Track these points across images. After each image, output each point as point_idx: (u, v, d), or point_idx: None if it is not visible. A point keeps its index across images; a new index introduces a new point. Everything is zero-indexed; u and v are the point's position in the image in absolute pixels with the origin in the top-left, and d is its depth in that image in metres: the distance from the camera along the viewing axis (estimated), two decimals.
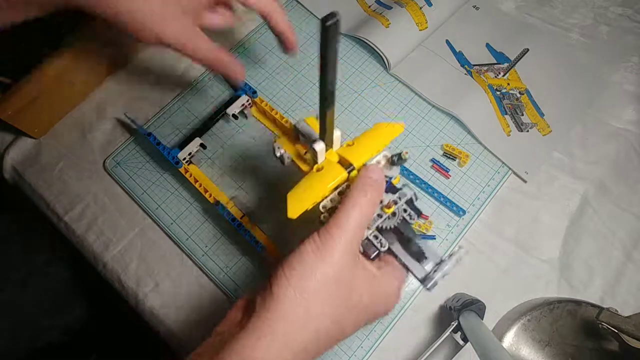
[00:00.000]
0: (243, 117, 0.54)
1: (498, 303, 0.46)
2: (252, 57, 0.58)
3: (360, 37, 0.57)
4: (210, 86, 0.57)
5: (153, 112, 0.56)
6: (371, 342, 0.45)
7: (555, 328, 0.44)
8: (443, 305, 0.47)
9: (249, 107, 0.53)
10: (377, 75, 0.57)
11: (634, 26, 0.60)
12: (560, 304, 0.44)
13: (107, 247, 0.50)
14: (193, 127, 0.54)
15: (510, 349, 0.43)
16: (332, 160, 0.36)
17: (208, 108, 0.55)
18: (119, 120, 0.55)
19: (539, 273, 0.48)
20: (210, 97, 0.56)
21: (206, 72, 0.57)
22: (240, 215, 0.48)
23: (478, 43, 0.59)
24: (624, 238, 0.49)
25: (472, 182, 0.51)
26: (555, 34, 0.60)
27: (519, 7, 0.62)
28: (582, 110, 0.55)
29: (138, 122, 0.52)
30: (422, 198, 0.51)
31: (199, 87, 0.57)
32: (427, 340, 0.46)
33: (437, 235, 0.49)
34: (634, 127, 0.54)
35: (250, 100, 0.53)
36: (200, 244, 0.49)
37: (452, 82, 0.56)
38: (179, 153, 0.50)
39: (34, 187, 0.53)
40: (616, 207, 0.51)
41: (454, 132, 0.54)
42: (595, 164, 0.52)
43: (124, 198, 0.52)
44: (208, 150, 0.53)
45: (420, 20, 0.57)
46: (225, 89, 0.56)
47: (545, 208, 0.51)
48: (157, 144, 0.50)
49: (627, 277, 0.48)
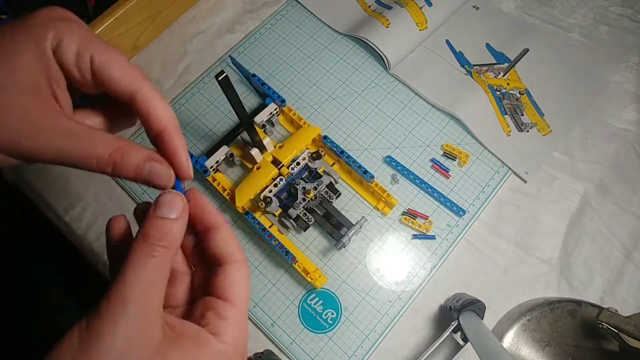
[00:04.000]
0: (270, 125, 0.53)
1: (498, 303, 0.46)
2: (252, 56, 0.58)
3: (360, 37, 0.57)
4: (210, 87, 0.57)
5: None
6: (371, 342, 0.45)
7: (555, 328, 0.44)
8: (443, 305, 0.47)
9: (276, 115, 0.53)
10: (377, 75, 0.57)
11: (634, 26, 0.60)
12: (560, 304, 0.44)
13: None
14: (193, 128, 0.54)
15: (510, 349, 0.43)
16: (267, 160, 0.49)
17: (207, 109, 0.55)
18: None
19: (539, 273, 0.48)
20: (210, 98, 0.56)
21: (205, 74, 0.57)
22: (269, 224, 0.48)
23: (478, 43, 0.59)
24: (624, 238, 0.49)
25: (472, 182, 0.51)
26: (555, 34, 0.60)
27: (519, 7, 0.62)
28: (583, 110, 0.55)
29: None
30: (422, 198, 0.51)
31: (199, 88, 0.57)
32: (427, 340, 0.46)
33: (437, 235, 0.49)
34: (634, 127, 0.54)
35: (278, 108, 0.52)
36: None
37: (452, 82, 0.56)
38: (207, 161, 0.48)
39: (34, 187, 0.53)
40: (616, 207, 0.51)
41: (454, 132, 0.54)
42: (595, 164, 0.52)
43: (124, 198, 0.52)
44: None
45: (420, 20, 0.57)
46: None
47: (545, 208, 0.51)
48: None
49: (627, 277, 0.48)
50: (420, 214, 0.49)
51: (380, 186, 0.48)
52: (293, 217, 0.46)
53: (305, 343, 0.45)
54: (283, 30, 0.60)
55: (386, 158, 0.52)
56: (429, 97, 0.55)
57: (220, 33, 0.60)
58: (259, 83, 0.53)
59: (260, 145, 0.48)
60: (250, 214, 0.47)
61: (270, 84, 0.54)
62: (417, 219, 0.49)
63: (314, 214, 0.47)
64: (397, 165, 0.52)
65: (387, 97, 0.56)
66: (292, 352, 0.44)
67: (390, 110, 0.55)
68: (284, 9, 0.61)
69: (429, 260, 0.48)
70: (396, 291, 0.47)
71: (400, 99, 0.56)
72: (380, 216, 0.50)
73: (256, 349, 0.44)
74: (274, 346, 0.45)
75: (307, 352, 0.45)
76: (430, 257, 0.48)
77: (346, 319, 0.46)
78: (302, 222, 0.47)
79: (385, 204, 0.49)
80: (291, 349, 0.45)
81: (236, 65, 0.54)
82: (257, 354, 0.43)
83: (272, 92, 0.52)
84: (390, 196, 0.48)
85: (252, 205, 0.47)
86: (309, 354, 0.44)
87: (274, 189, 0.47)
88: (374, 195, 0.50)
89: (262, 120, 0.51)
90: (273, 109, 0.52)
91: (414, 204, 0.50)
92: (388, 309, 0.46)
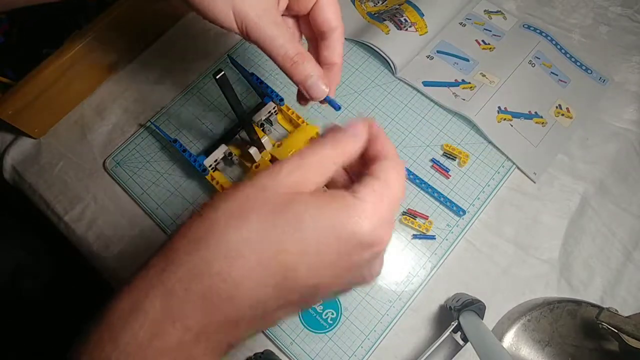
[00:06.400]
0: (269, 124, 0.53)
1: (498, 303, 0.46)
2: (252, 56, 0.58)
3: (364, 42, 0.57)
4: (209, 87, 0.57)
5: (153, 113, 0.56)
6: (371, 342, 0.45)
7: (555, 328, 0.44)
8: (443, 305, 0.47)
9: (275, 114, 0.53)
10: (377, 75, 0.57)
11: (634, 26, 0.60)
12: (560, 304, 0.44)
13: (107, 247, 0.50)
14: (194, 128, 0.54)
15: (510, 349, 0.43)
16: (265, 159, 0.49)
17: (206, 109, 0.55)
18: (142, 125, 0.55)
19: (539, 273, 0.48)
20: (210, 98, 0.56)
21: (204, 74, 0.57)
22: None
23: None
24: (624, 238, 0.49)
25: (472, 182, 0.51)
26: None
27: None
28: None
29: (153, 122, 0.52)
30: (422, 198, 0.51)
31: (199, 88, 0.57)
32: (427, 340, 0.46)
33: (437, 235, 0.49)
34: (635, 127, 0.54)
35: (276, 107, 0.52)
36: None
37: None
38: (205, 160, 0.48)
39: (34, 187, 0.53)
40: (616, 207, 0.51)
41: (454, 132, 0.54)
42: (595, 164, 0.52)
43: (124, 198, 0.52)
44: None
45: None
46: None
47: (545, 208, 0.51)
48: (183, 151, 0.49)
49: (627, 277, 0.48)
50: (420, 214, 0.49)
51: None
52: None
53: (305, 343, 0.45)
54: None
55: None
56: (439, 100, 0.55)
57: (220, 33, 0.60)
58: (257, 82, 0.53)
59: (259, 144, 0.48)
60: None
61: (270, 83, 0.54)
62: (417, 219, 0.49)
63: None
64: None
65: (387, 97, 0.56)
66: (292, 352, 0.44)
67: (390, 110, 0.55)
68: None
69: (429, 260, 0.48)
70: (396, 291, 0.47)
71: (400, 99, 0.56)
72: None
73: (256, 349, 0.44)
74: (274, 346, 0.45)
75: (307, 352, 0.45)
76: (430, 257, 0.48)
77: (346, 319, 0.46)
78: None
79: None
80: (291, 349, 0.45)
81: (235, 64, 0.54)
82: (257, 354, 0.43)
83: (270, 91, 0.52)
84: None
85: None
86: (309, 354, 0.44)
87: None
88: None
89: (261, 119, 0.51)
90: (272, 107, 0.52)
91: (414, 204, 0.50)
92: (388, 309, 0.46)
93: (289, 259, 0.21)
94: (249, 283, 0.21)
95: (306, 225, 0.21)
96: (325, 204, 0.22)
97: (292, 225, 0.21)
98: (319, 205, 0.22)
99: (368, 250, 0.23)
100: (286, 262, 0.21)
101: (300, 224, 0.21)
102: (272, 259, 0.21)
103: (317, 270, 0.22)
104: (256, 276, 0.21)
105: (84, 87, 0.56)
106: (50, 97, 0.52)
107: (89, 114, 0.56)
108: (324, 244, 0.22)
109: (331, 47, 0.33)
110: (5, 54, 0.53)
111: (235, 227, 0.21)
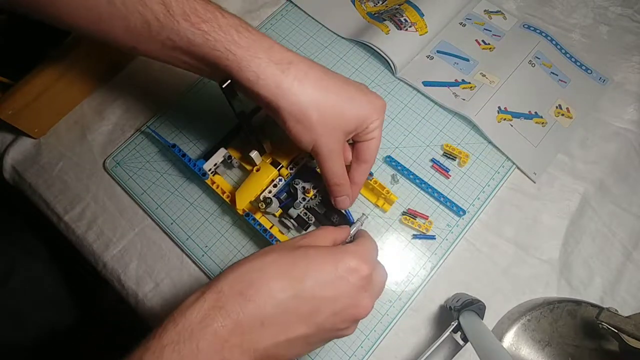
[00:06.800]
0: (269, 126, 0.53)
1: (498, 303, 0.46)
2: None
3: (364, 42, 0.57)
4: (209, 89, 0.57)
5: (153, 113, 0.56)
6: (371, 342, 0.45)
7: (555, 328, 0.44)
8: (443, 305, 0.47)
9: None
10: (377, 75, 0.57)
11: (634, 26, 0.60)
12: (560, 304, 0.44)
13: (107, 247, 0.50)
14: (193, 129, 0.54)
15: (510, 349, 0.43)
16: (266, 162, 0.49)
17: (208, 110, 0.55)
18: (139, 130, 0.55)
19: (539, 273, 0.48)
20: (210, 99, 0.56)
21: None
22: (270, 225, 0.47)
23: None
24: (624, 238, 0.49)
25: (472, 182, 0.51)
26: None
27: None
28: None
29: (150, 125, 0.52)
30: (422, 198, 0.51)
31: (199, 89, 0.57)
32: (427, 340, 0.46)
33: (437, 235, 0.49)
34: (635, 126, 0.54)
35: None
36: (200, 244, 0.49)
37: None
38: (205, 164, 0.48)
39: (34, 187, 0.53)
40: (616, 207, 0.51)
41: (454, 132, 0.54)
42: (596, 163, 0.52)
43: (124, 198, 0.52)
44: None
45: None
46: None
47: (545, 208, 0.51)
48: (182, 156, 0.49)
49: (627, 277, 0.48)
50: (420, 214, 0.49)
51: (380, 183, 0.48)
52: (294, 216, 0.46)
53: None
54: (283, 30, 0.60)
55: (386, 158, 0.52)
56: (440, 100, 0.55)
57: None
58: None
59: (260, 146, 0.48)
60: (250, 215, 0.47)
61: None
62: (417, 219, 0.49)
63: (315, 213, 0.47)
64: (397, 165, 0.52)
65: (387, 97, 0.56)
66: None
67: (390, 110, 0.55)
68: (284, 9, 0.61)
69: (429, 260, 0.48)
70: (396, 291, 0.47)
71: (400, 99, 0.56)
72: (380, 215, 0.50)
73: None
74: None
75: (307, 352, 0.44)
76: (430, 257, 0.48)
77: None
78: (303, 221, 0.47)
79: (385, 201, 0.49)
80: None
81: None
82: None
83: None
84: (390, 192, 0.48)
85: (252, 207, 0.47)
86: (309, 353, 0.44)
87: (273, 189, 0.47)
88: (374, 192, 0.50)
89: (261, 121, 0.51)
90: None
91: (414, 204, 0.50)
92: (388, 309, 0.46)
93: (297, 276, 0.31)
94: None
95: (311, 254, 0.32)
96: (323, 246, 0.34)
97: (301, 257, 0.31)
98: (319, 246, 0.34)
99: (355, 274, 0.31)
100: (296, 278, 0.30)
101: (307, 255, 0.32)
102: (286, 276, 0.30)
103: (320, 285, 0.31)
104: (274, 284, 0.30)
105: (84, 87, 0.56)
106: (50, 97, 0.52)
107: (89, 114, 0.56)
108: (325, 269, 0.31)
109: (359, 171, 0.43)
110: (5, 54, 0.53)
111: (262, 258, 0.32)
